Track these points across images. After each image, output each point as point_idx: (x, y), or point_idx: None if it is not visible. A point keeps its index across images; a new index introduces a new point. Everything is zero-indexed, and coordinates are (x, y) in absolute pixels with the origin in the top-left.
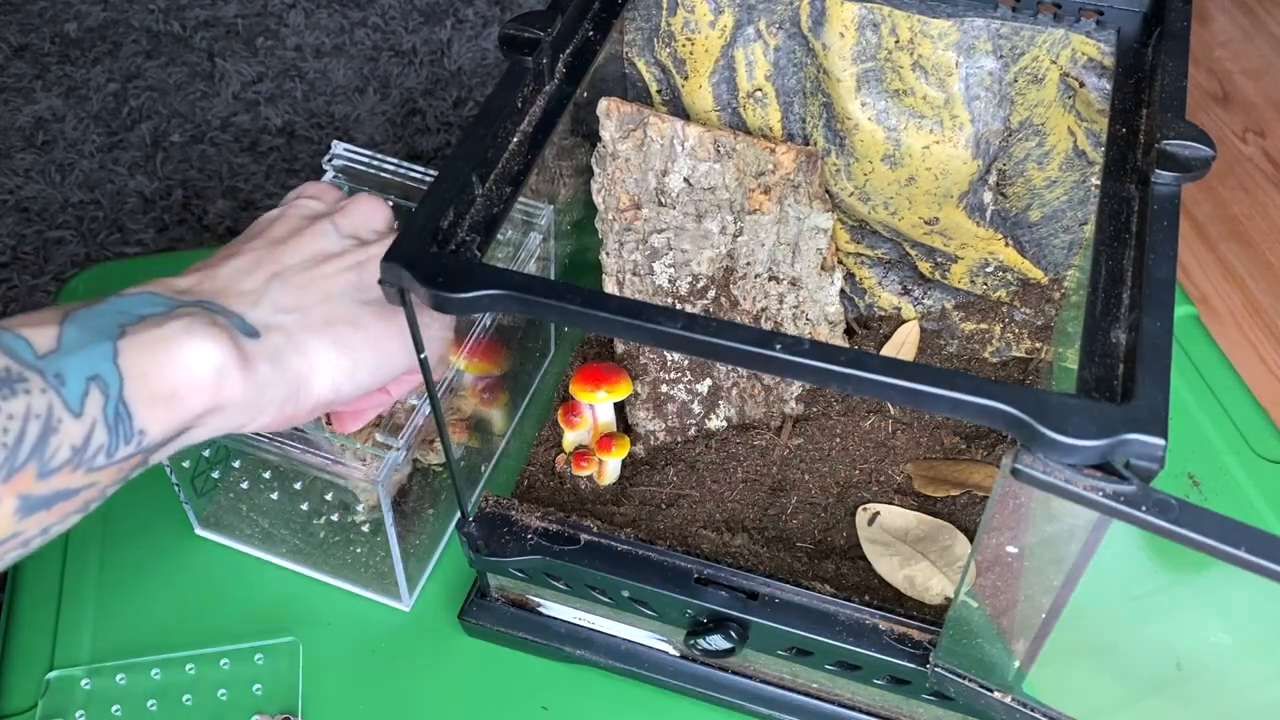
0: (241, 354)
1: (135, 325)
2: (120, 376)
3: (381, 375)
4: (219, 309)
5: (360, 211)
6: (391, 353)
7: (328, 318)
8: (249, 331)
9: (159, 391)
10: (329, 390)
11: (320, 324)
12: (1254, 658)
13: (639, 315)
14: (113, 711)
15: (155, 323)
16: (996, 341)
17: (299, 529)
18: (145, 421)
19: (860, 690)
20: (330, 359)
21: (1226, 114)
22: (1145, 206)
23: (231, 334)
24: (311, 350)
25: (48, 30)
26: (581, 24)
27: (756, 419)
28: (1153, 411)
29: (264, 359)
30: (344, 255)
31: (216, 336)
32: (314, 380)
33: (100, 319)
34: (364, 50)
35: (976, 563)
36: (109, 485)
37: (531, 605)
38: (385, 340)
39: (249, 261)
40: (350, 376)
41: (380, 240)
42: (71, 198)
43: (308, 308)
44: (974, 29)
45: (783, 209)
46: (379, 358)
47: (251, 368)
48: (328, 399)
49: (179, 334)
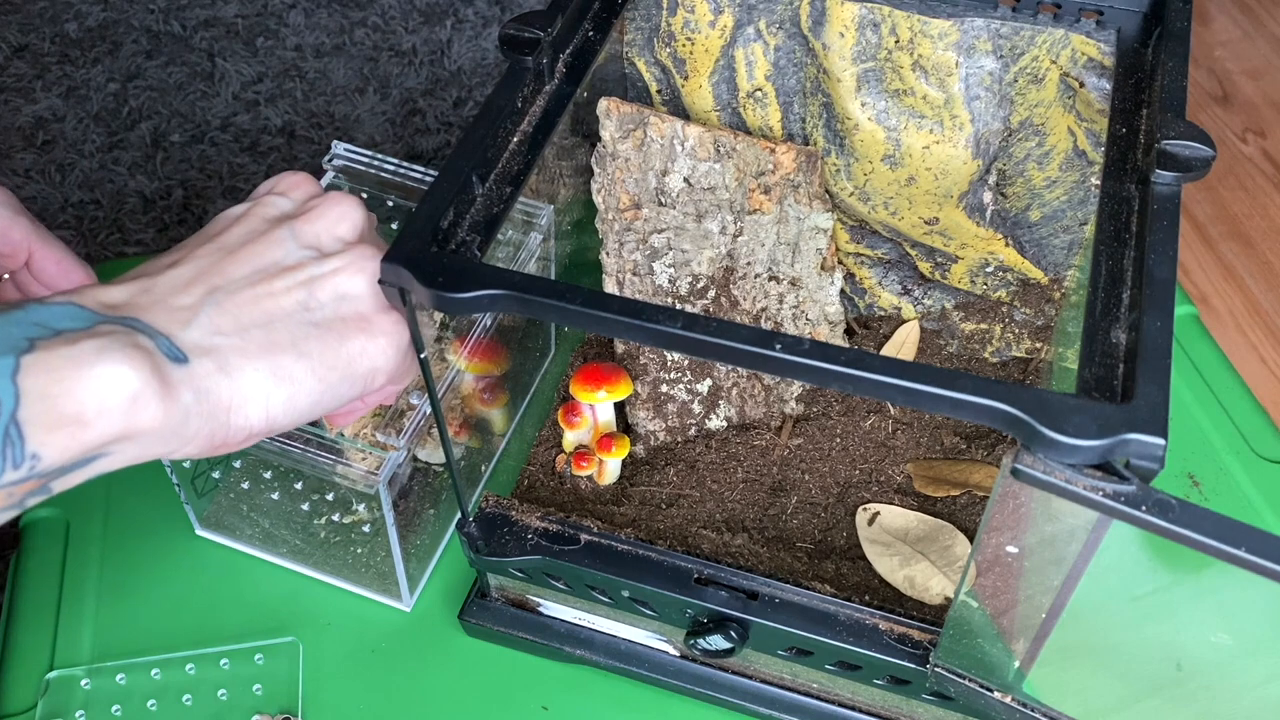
0: (163, 381)
1: (48, 340)
2: (16, 395)
3: (325, 405)
4: (146, 328)
5: (327, 216)
6: (334, 383)
7: (267, 344)
8: (175, 356)
9: (61, 415)
10: (261, 421)
11: (258, 350)
12: (1254, 658)
13: (639, 315)
14: (113, 711)
15: (69, 339)
16: (996, 341)
17: (299, 529)
18: (40, 446)
19: (860, 690)
20: (266, 389)
21: (1226, 114)
22: (1145, 206)
23: (154, 359)
24: (244, 379)
25: (48, 30)
26: (581, 24)
27: (756, 419)
28: (1153, 411)
29: (188, 387)
30: (297, 269)
31: (134, 361)
32: (246, 410)
33: (10, 328)
34: (364, 50)
35: (976, 563)
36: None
37: (531, 605)
38: (329, 370)
39: (191, 272)
40: (287, 407)
41: (342, 252)
42: (71, 198)
43: (246, 330)
44: (974, 29)
45: (783, 209)
46: (322, 388)
47: (173, 396)
48: (261, 429)
49: (91, 354)
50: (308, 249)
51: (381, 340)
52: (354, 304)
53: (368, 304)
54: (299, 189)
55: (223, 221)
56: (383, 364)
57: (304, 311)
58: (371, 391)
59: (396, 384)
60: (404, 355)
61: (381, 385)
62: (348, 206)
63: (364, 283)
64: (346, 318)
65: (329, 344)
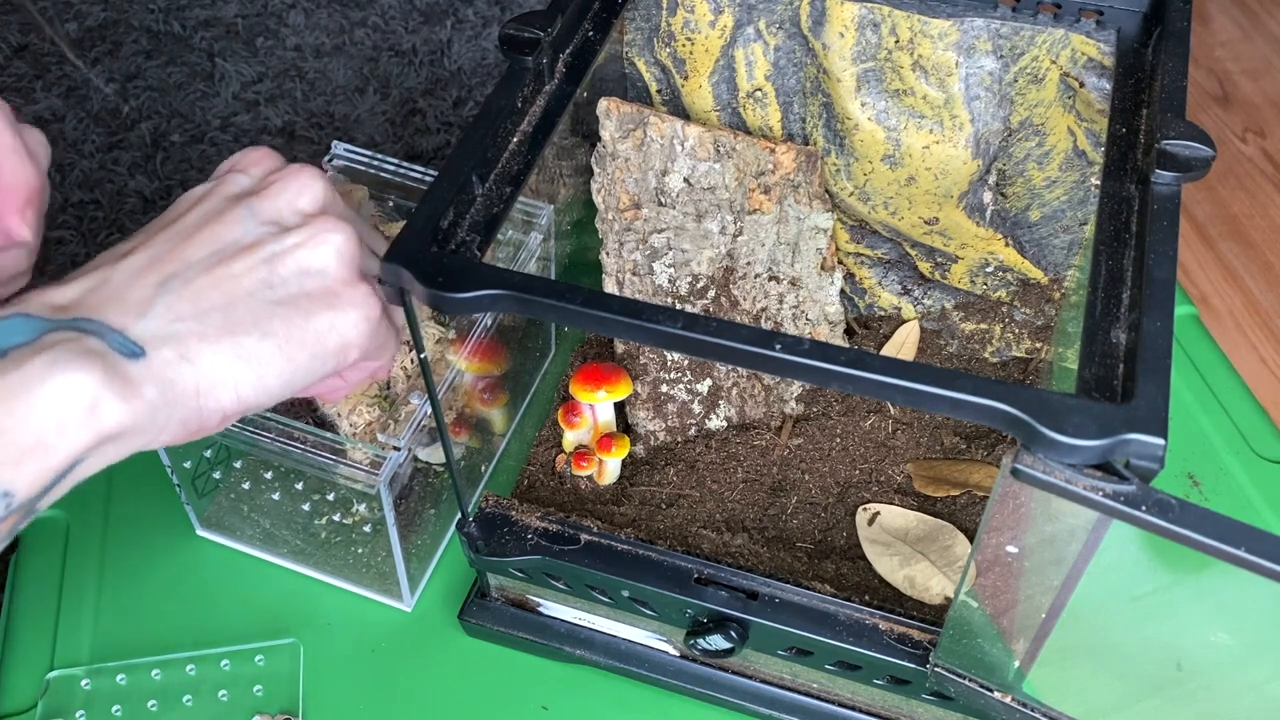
0: (122, 380)
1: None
2: None
3: (298, 383)
4: (97, 328)
5: (287, 190)
6: (304, 361)
7: (228, 325)
8: (130, 351)
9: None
10: (233, 403)
11: (218, 333)
12: (1254, 658)
13: (639, 315)
14: (113, 712)
15: (16, 361)
16: (996, 341)
17: (300, 529)
18: (9, 482)
19: (860, 690)
20: (232, 372)
21: (1226, 114)
22: (1145, 206)
23: (107, 360)
24: (206, 364)
25: (48, 30)
26: (581, 24)
27: (756, 419)
28: (1153, 411)
29: (151, 381)
30: (257, 247)
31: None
32: (215, 394)
33: None
34: (364, 50)
35: (976, 563)
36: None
37: (531, 605)
38: (298, 347)
39: (146, 260)
40: (257, 388)
41: (303, 225)
42: (71, 198)
43: (205, 314)
44: (974, 29)
45: (783, 209)
46: (291, 367)
47: (136, 393)
48: (234, 411)
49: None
50: (267, 225)
51: (351, 313)
52: (318, 279)
53: (332, 277)
54: (259, 165)
55: (183, 204)
56: (354, 338)
57: (266, 289)
58: (348, 367)
59: (375, 359)
60: (376, 327)
61: (356, 360)
62: (307, 178)
63: (328, 255)
64: (311, 293)
65: (294, 321)
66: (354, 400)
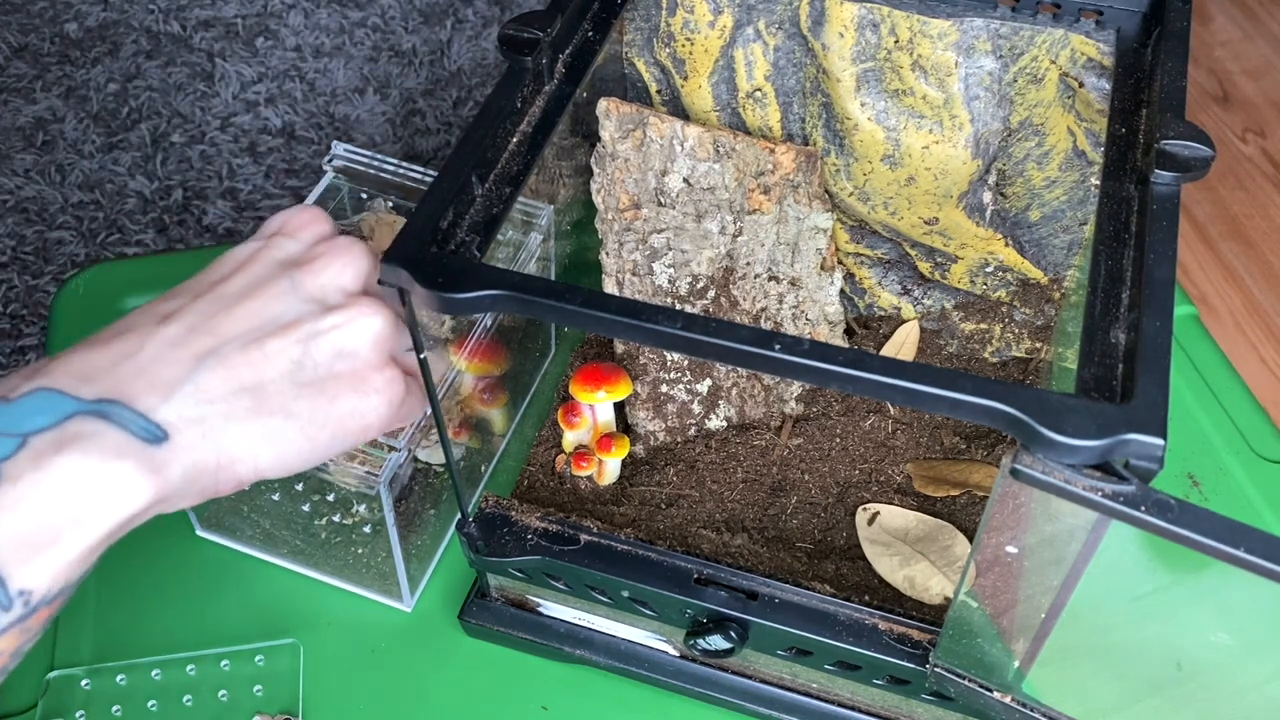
0: (145, 465)
1: (12, 459)
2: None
3: (315, 459)
4: (123, 415)
5: (332, 266)
6: (325, 441)
7: (256, 407)
8: (154, 437)
9: (38, 543)
10: (250, 475)
11: (245, 414)
12: (1254, 658)
13: (639, 315)
14: (113, 712)
15: (35, 456)
16: (996, 341)
17: (300, 530)
18: (25, 582)
19: (860, 690)
20: (253, 449)
21: (1226, 114)
22: (1145, 206)
23: (129, 449)
24: (229, 442)
25: (48, 30)
26: (581, 24)
27: (756, 419)
28: (1152, 411)
29: (174, 461)
30: (296, 326)
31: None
32: (235, 468)
33: None
34: (364, 50)
35: (976, 563)
36: (17, 647)
37: (531, 605)
38: (319, 429)
39: (183, 331)
40: (275, 463)
41: (344, 306)
42: (71, 198)
43: (235, 395)
44: (973, 29)
45: (782, 209)
46: (310, 446)
47: (157, 474)
48: (250, 480)
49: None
50: (309, 302)
51: (374, 399)
52: (350, 361)
53: (363, 360)
54: (308, 229)
55: (227, 265)
56: (374, 421)
57: (298, 370)
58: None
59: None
60: (396, 410)
61: (373, 438)
62: (354, 255)
63: (363, 338)
64: (340, 375)
65: (319, 405)
66: None
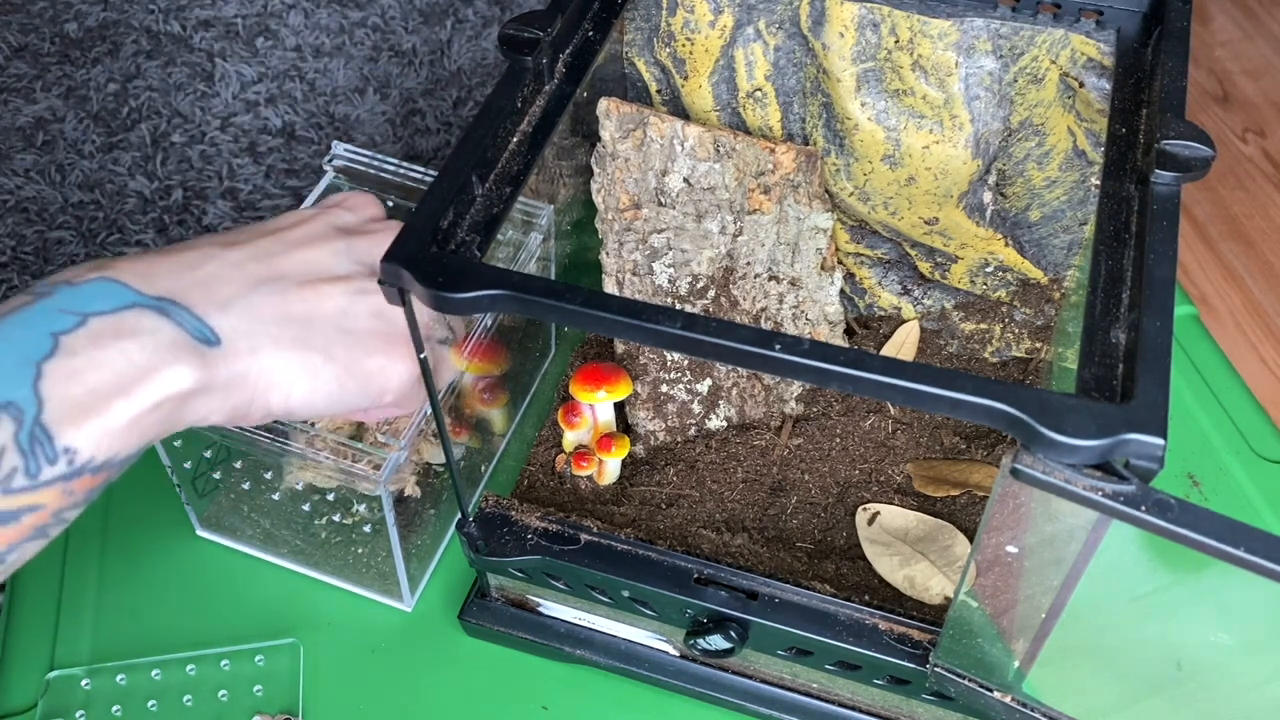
0: (193, 355)
1: (72, 333)
2: (39, 402)
3: (337, 408)
4: (179, 313)
5: (383, 239)
6: (352, 390)
7: (302, 339)
8: (206, 338)
9: (87, 409)
10: (280, 405)
11: (291, 343)
12: (1254, 658)
13: (639, 315)
14: (113, 712)
15: (93, 334)
16: (996, 341)
17: (300, 529)
18: (72, 440)
19: (860, 690)
20: (290, 378)
21: (1226, 114)
22: (1145, 206)
23: (185, 342)
24: (271, 364)
25: (48, 30)
26: (581, 24)
27: (756, 419)
28: (1153, 411)
29: (219, 363)
30: (346, 280)
31: (166, 347)
32: (269, 393)
33: (33, 327)
34: (364, 50)
35: (976, 563)
36: (60, 507)
37: (531, 605)
38: (350, 377)
39: (243, 257)
40: (305, 400)
41: None
42: (71, 198)
43: (285, 322)
44: (974, 29)
45: (782, 209)
46: (340, 393)
47: (202, 367)
48: (278, 412)
49: (119, 349)
50: (359, 264)
51: (400, 365)
52: (387, 324)
53: (399, 328)
54: (365, 209)
55: (289, 218)
56: (395, 385)
57: (342, 318)
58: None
59: (399, 409)
60: (414, 383)
61: (387, 405)
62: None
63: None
64: (377, 334)
65: (355, 355)
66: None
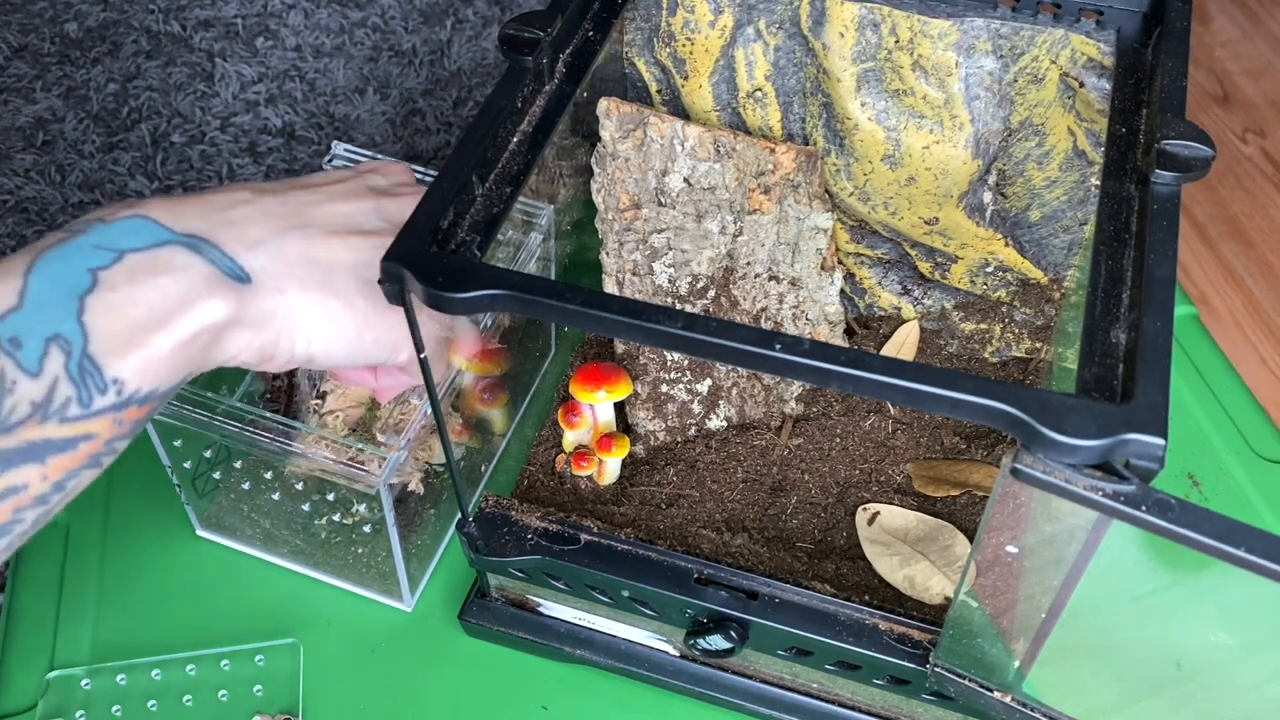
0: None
1: (110, 269)
2: (84, 334)
3: (352, 357)
4: (211, 251)
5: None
6: (368, 341)
7: (326, 284)
8: (238, 275)
9: (129, 340)
10: (304, 352)
11: (316, 286)
12: (1254, 658)
13: (639, 315)
14: (113, 712)
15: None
16: (996, 341)
17: (300, 529)
18: (119, 371)
19: (860, 690)
20: (312, 321)
21: (1226, 114)
22: (1145, 206)
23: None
24: (295, 305)
25: (48, 30)
26: (581, 24)
27: (756, 419)
28: (1153, 411)
29: (250, 299)
30: (374, 235)
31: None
32: (292, 334)
33: (72, 263)
34: (364, 50)
35: (976, 563)
36: (111, 436)
37: (531, 605)
38: (368, 328)
39: (274, 204)
40: (324, 345)
41: None
42: (71, 198)
43: (310, 266)
44: (974, 29)
45: (783, 209)
46: (357, 341)
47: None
48: (302, 358)
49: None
50: (387, 222)
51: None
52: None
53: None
54: (396, 175)
55: (324, 175)
56: (404, 344)
57: (366, 269)
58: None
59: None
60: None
61: (401, 363)
62: None
63: None
64: None
65: (375, 305)
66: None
